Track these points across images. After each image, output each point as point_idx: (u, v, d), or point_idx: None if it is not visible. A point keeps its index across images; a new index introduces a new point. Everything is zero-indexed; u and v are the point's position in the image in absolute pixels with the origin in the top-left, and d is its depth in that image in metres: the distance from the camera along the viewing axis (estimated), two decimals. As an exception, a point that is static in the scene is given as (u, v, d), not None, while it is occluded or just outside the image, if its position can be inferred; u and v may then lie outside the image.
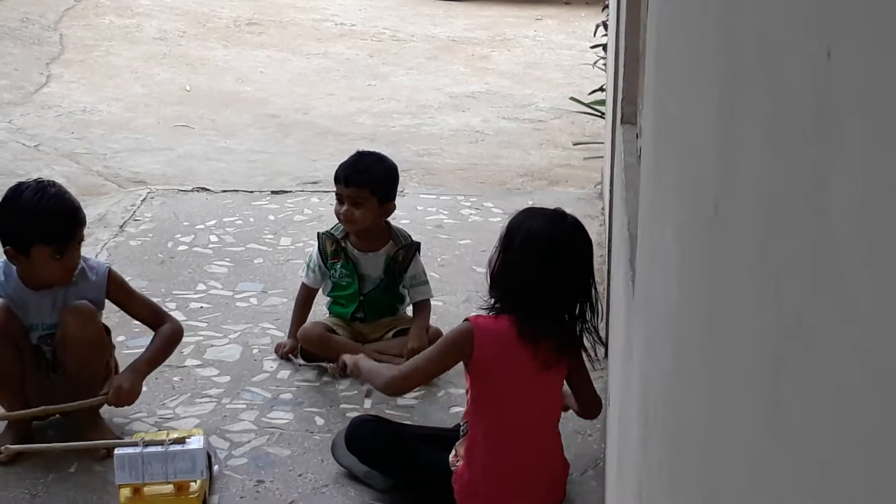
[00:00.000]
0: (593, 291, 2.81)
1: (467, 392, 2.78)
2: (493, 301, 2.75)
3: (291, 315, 3.73)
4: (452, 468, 2.78)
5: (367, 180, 3.55)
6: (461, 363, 2.76)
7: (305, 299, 3.72)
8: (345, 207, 3.57)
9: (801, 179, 0.58)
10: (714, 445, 0.85)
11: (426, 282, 3.70)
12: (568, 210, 4.99)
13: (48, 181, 3.10)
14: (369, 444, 2.90)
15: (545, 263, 2.70)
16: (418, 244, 3.75)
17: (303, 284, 3.74)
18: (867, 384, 0.47)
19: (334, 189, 3.72)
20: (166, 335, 3.20)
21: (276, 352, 3.66)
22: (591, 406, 2.95)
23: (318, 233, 3.78)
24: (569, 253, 2.73)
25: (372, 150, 3.87)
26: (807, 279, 0.57)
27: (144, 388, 3.31)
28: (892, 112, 0.44)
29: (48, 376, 3.12)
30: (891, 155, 0.44)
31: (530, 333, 2.67)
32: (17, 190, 3.04)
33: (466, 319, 2.76)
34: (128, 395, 3.08)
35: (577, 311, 2.77)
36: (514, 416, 2.72)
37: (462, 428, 2.81)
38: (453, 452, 2.80)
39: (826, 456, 0.53)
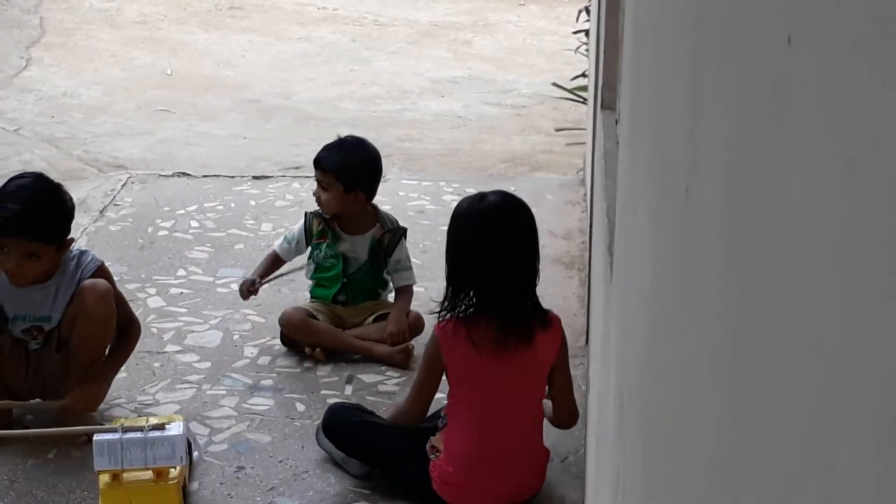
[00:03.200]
0: (534, 265, 2.78)
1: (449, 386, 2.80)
2: (450, 297, 2.75)
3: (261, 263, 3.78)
4: (431, 457, 2.78)
5: (332, 166, 3.58)
6: None
7: (272, 262, 3.74)
8: (315, 189, 3.66)
9: (761, 163, 0.59)
10: (680, 428, 0.86)
11: (410, 267, 3.71)
12: (549, 196, 5.03)
13: (46, 180, 3.06)
14: (345, 432, 2.90)
15: (467, 245, 2.73)
16: (405, 229, 3.75)
17: (273, 251, 3.77)
18: (820, 367, 0.48)
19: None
20: (134, 340, 3.22)
21: (240, 290, 3.67)
22: (563, 412, 2.88)
23: (306, 212, 3.80)
24: (488, 231, 2.72)
25: (355, 135, 3.85)
26: (766, 262, 0.57)
27: (123, 375, 3.31)
28: (846, 97, 0.45)
29: (27, 370, 3.11)
30: (843, 140, 0.45)
31: (480, 323, 2.69)
32: (16, 176, 3.07)
33: (434, 328, 2.78)
34: (91, 403, 3.09)
35: (528, 288, 2.76)
36: (492, 407, 2.72)
37: (441, 420, 2.81)
38: (429, 444, 2.80)
39: (785, 438, 0.53)
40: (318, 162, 3.62)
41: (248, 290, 3.65)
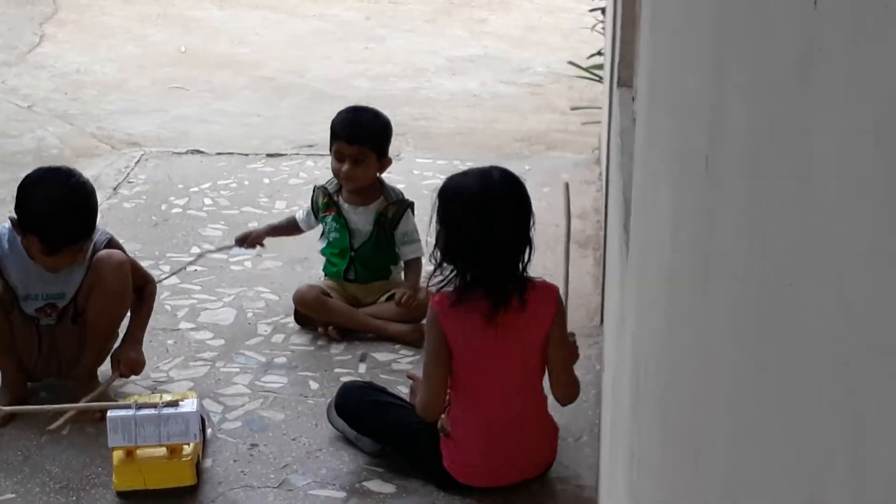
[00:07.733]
0: (528, 237, 2.74)
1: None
2: (447, 271, 2.72)
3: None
4: (442, 434, 2.77)
5: (368, 138, 3.59)
6: None
7: (290, 224, 3.86)
8: (346, 166, 3.59)
9: (786, 132, 0.57)
10: (700, 406, 0.84)
11: (418, 240, 3.69)
12: (564, 176, 5.00)
13: (82, 181, 3.00)
14: (357, 411, 2.89)
15: (460, 224, 2.69)
16: (411, 203, 3.74)
17: (294, 215, 3.87)
18: (847, 340, 0.46)
19: (329, 152, 3.71)
20: (152, 296, 3.27)
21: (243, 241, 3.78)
22: (561, 387, 2.77)
23: (315, 186, 3.83)
24: (501, 206, 2.69)
25: (360, 104, 3.87)
26: (791, 233, 0.56)
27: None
28: (874, 60, 0.43)
29: (41, 347, 3.11)
30: (873, 105, 0.43)
31: (475, 297, 2.65)
32: (44, 177, 2.99)
33: (430, 300, 2.75)
34: (139, 366, 3.15)
35: (523, 263, 2.73)
36: (491, 383, 2.70)
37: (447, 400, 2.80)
38: (439, 423, 2.78)
39: (809, 415, 0.52)
40: (352, 136, 3.56)
41: (246, 241, 3.77)
